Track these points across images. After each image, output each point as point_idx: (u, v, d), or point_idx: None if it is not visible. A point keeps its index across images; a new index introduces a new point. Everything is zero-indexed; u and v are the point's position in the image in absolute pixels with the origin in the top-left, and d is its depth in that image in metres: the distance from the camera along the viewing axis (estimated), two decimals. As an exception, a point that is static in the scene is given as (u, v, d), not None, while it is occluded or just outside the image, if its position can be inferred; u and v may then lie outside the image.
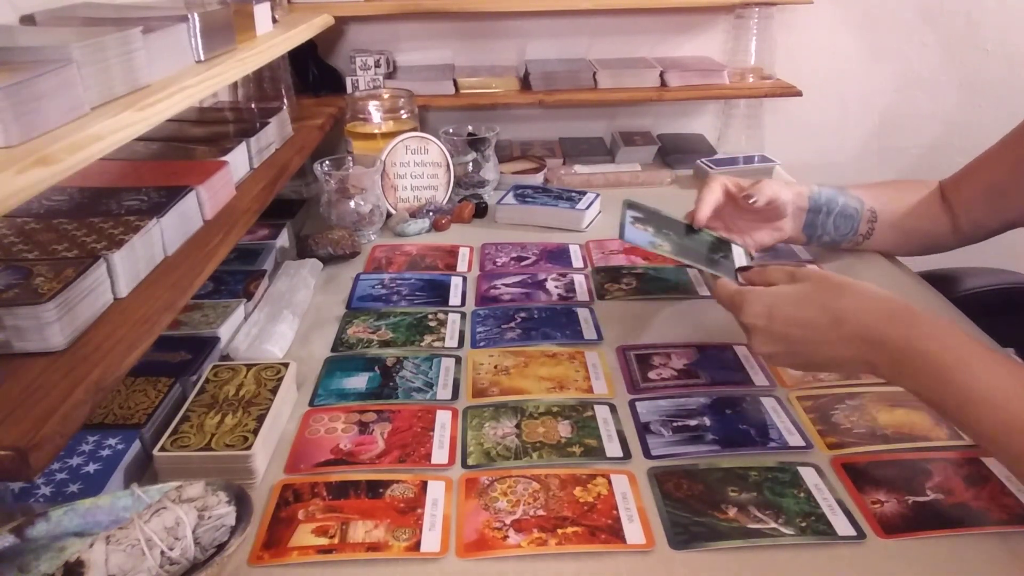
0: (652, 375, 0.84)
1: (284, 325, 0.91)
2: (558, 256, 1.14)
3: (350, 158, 1.25)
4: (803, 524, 0.63)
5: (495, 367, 0.86)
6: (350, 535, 0.62)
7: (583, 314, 0.97)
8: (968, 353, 0.60)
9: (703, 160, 1.45)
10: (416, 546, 0.61)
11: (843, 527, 0.63)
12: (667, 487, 0.68)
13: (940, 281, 1.08)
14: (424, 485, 0.68)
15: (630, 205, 0.93)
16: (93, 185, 0.85)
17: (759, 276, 0.76)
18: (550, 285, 1.05)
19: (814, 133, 1.77)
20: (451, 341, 0.91)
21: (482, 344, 0.91)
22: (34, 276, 0.63)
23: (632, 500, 0.66)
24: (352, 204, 1.18)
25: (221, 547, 0.55)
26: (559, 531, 0.63)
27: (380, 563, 0.61)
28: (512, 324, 0.95)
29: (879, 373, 0.64)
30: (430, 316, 0.97)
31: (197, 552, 0.55)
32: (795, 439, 0.73)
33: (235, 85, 1.33)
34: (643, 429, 0.75)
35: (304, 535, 0.63)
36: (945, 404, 0.61)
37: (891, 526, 0.63)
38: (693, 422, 0.76)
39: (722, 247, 0.94)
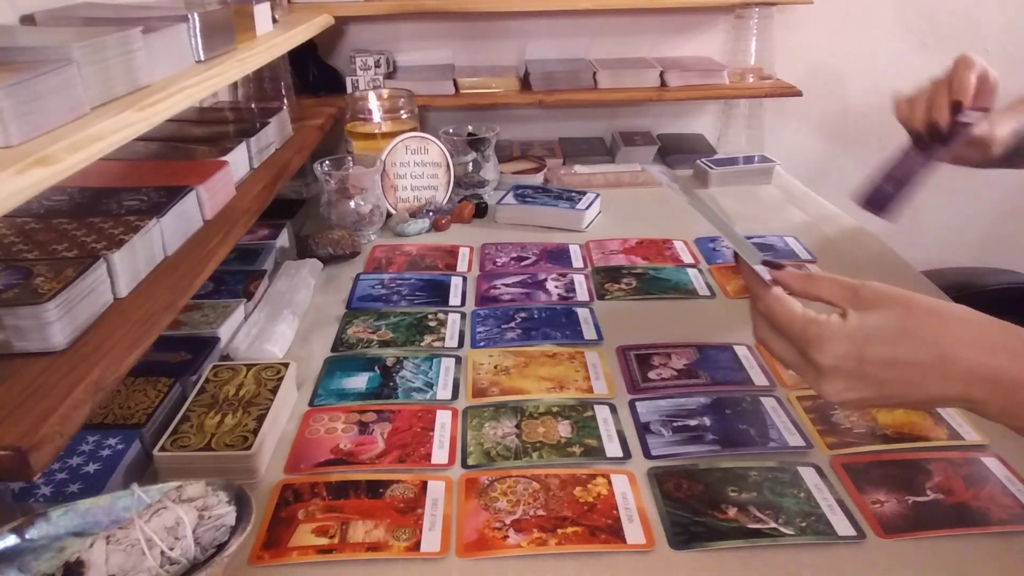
0: (652, 375, 0.84)
1: (284, 325, 0.91)
2: (558, 256, 1.14)
3: (350, 158, 1.25)
4: (803, 524, 0.63)
5: (495, 367, 0.86)
6: (350, 535, 0.62)
7: (583, 314, 0.97)
8: None
9: (703, 160, 1.45)
10: (416, 546, 0.61)
11: (843, 527, 0.63)
12: (667, 487, 0.68)
13: (953, 281, 1.07)
14: (424, 485, 0.68)
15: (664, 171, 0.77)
16: (93, 185, 0.85)
17: (803, 286, 0.60)
18: (550, 285, 1.05)
19: (814, 133, 1.77)
20: (451, 341, 0.91)
21: (482, 344, 0.91)
22: (34, 276, 0.63)
23: (632, 500, 0.66)
24: (352, 204, 1.18)
25: (221, 547, 0.55)
26: (559, 531, 0.63)
27: (380, 563, 0.61)
28: (512, 324, 0.95)
29: (982, 410, 0.54)
30: (430, 316, 0.97)
31: (197, 552, 0.55)
32: (795, 439, 0.73)
33: (235, 85, 1.33)
34: (643, 429, 0.75)
35: (304, 535, 0.63)
36: None
37: (891, 526, 0.63)
38: (693, 422, 0.76)
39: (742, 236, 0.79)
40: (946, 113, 0.85)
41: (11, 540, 0.56)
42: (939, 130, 0.86)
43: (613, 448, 0.73)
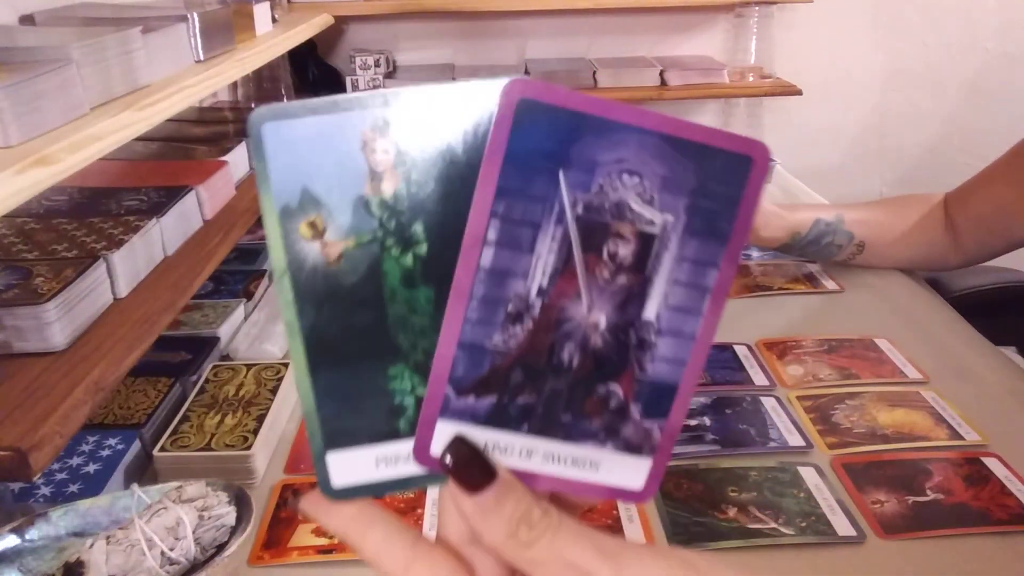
0: (652, 375, 0.84)
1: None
2: (558, 256, 1.14)
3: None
4: (803, 524, 0.63)
5: (495, 367, 0.86)
6: (350, 535, 0.62)
7: (583, 314, 0.97)
8: None
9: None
10: (416, 546, 0.61)
11: (843, 527, 0.63)
12: (667, 487, 0.68)
13: (938, 279, 1.08)
14: (424, 485, 0.68)
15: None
16: (93, 185, 0.85)
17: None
18: (550, 285, 1.05)
19: (814, 132, 1.77)
20: (451, 341, 0.91)
21: (482, 344, 0.91)
22: (34, 276, 0.63)
23: (632, 500, 0.66)
24: (352, 204, 1.18)
25: (221, 547, 0.55)
26: (559, 531, 0.63)
27: (380, 563, 0.60)
28: (512, 324, 0.95)
29: None
30: (430, 316, 0.96)
31: (197, 552, 0.55)
32: (795, 439, 0.73)
33: (235, 85, 1.33)
34: (643, 429, 0.75)
35: (304, 535, 0.63)
36: None
37: (891, 526, 0.63)
38: (693, 422, 0.76)
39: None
40: None
41: (11, 540, 0.56)
42: None
43: (613, 448, 0.73)
